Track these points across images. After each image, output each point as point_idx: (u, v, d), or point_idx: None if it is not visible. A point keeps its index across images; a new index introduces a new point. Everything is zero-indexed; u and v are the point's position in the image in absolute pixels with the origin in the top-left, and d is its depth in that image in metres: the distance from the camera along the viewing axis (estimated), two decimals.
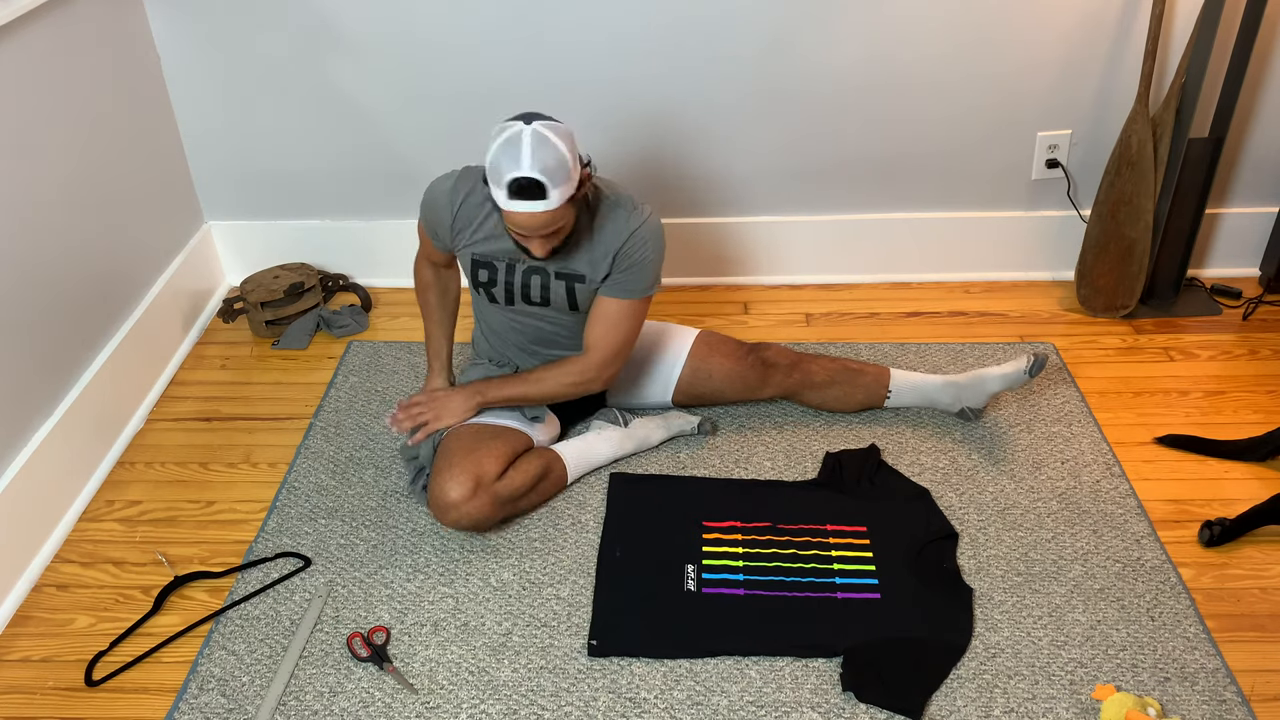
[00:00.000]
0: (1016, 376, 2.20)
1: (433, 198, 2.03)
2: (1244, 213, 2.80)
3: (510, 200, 1.79)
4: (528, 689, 1.77)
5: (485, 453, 2.02)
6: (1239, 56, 2.46)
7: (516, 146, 1.77)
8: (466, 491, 1.96)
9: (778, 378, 2.28)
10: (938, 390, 2.30)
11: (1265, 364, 2.54)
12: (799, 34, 2.54)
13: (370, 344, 2.69)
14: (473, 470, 1.98)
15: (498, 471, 2.01)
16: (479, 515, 1.99)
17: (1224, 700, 1.72)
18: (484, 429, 2.07)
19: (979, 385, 2.26)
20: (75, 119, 2.28)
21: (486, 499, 1.98)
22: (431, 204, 2.04)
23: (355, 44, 2.58)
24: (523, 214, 1.80)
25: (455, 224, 2.02)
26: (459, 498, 1.97)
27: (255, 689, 1.78)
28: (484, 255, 2.03)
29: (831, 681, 1.77)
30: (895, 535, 2.04)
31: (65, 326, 2.22)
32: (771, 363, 2.28)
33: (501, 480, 2.01)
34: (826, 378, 2.30)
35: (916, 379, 2.32)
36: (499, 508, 2.02)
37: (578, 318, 2.10)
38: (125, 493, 2.24)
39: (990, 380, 2.24)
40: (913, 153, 2.72)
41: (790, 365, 2.29)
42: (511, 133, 1.79)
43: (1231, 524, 2.00)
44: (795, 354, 2.32)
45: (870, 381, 2.31)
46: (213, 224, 2.89)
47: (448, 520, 2.00)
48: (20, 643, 1.90)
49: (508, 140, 1.78)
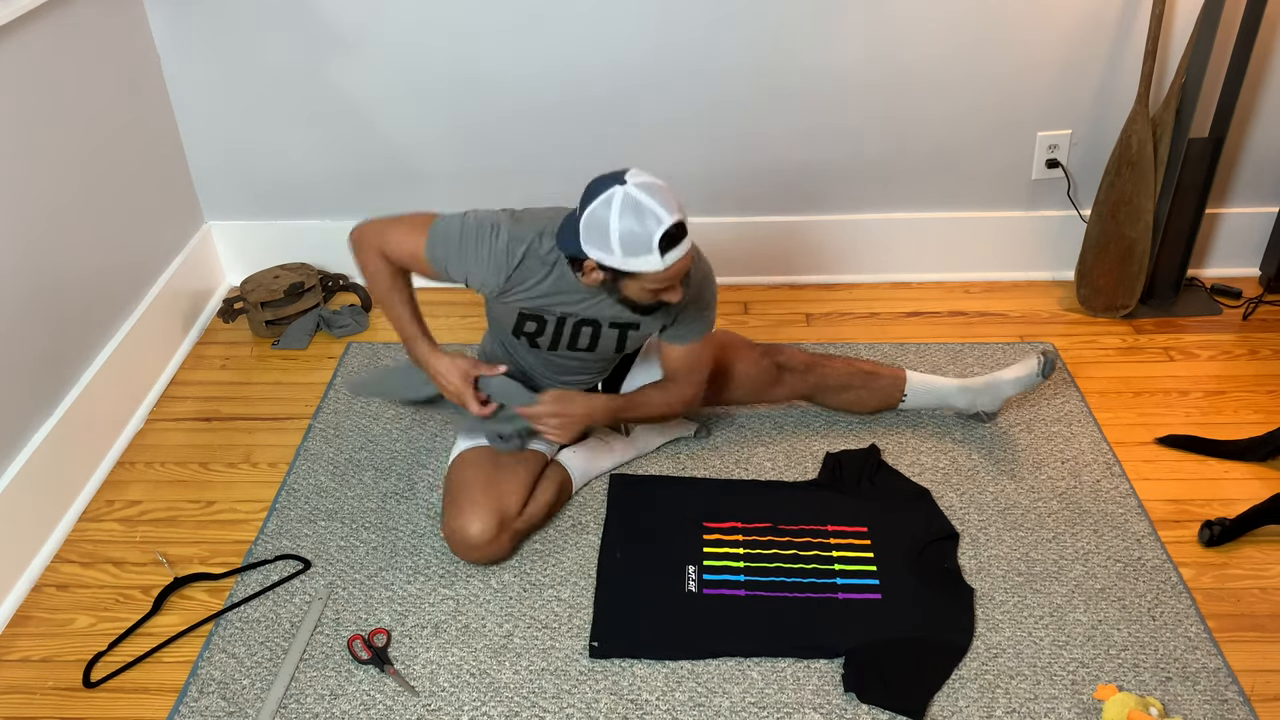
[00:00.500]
0: (1029, 379, 2.19)
1: (478, 252, 1.84)
2: (1244, 213, 2.80)
3: (667, 255, 1.68)
4: (529, 691, 1.77)
5: (508, 486, 1.97)
6: (1239, 56, 2.46)
7: (641, 206, 1.67)
8: (490, 531, 1.93)
9: (792, 381, 2.26)
10: (954, 394, 2.29)
11: (1265, 364, 2.54)
12: (799, 33, 2.54)
13: (370, 345, 2.69)
14: (496, 508, 1.94)
15: (520, 507, 1.98)
16: (501, 554, 1.98)
17: (1225, 700, 1.72)
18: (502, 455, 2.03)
19: (994, 390, 2.24)
20: (75, 119, 2.28)
21: (508, 537, 1.96)
22: (476, 258, 1.84)
23: (355, 44, 2.58)
24: (681, 261, 1.71)
25: (509, 282, 1.86)
26: (481, 538, 1.93)
27: (255, 692, 1.78)
28: (535, 310, 1.91)
29: (833, 682, 1.77)
30: (896, 535, 2.04)
31: (65, 326, 2.22)
32: (786, 366, 2.25)
33: (522, 516, 1.99)
34: (841, 381, 2.27)
35: (932, 382, 2.30)
36: (517, 542, 2.01)
37: (618, 357, 2.09)
38: (125, 493, 2.24)
39: (1004, 385, 2.22)
40: (913, 153, 2.72)
41: (805, 368, 2.26)
42: (625, 198, 1.67)
43: (1231, 524, 2.00)
44: (810, 356, 2.29)
45: (886, 385, 2.29)
46: (213, 224, 2.89)
47: (469, 558, 1.97)
48: (20, 643, 1.90)
49: (627, 206, 1.67)
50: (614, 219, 1.68)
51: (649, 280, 1.73)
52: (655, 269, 1.70)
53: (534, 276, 1.86)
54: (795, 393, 2.29)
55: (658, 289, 1.76)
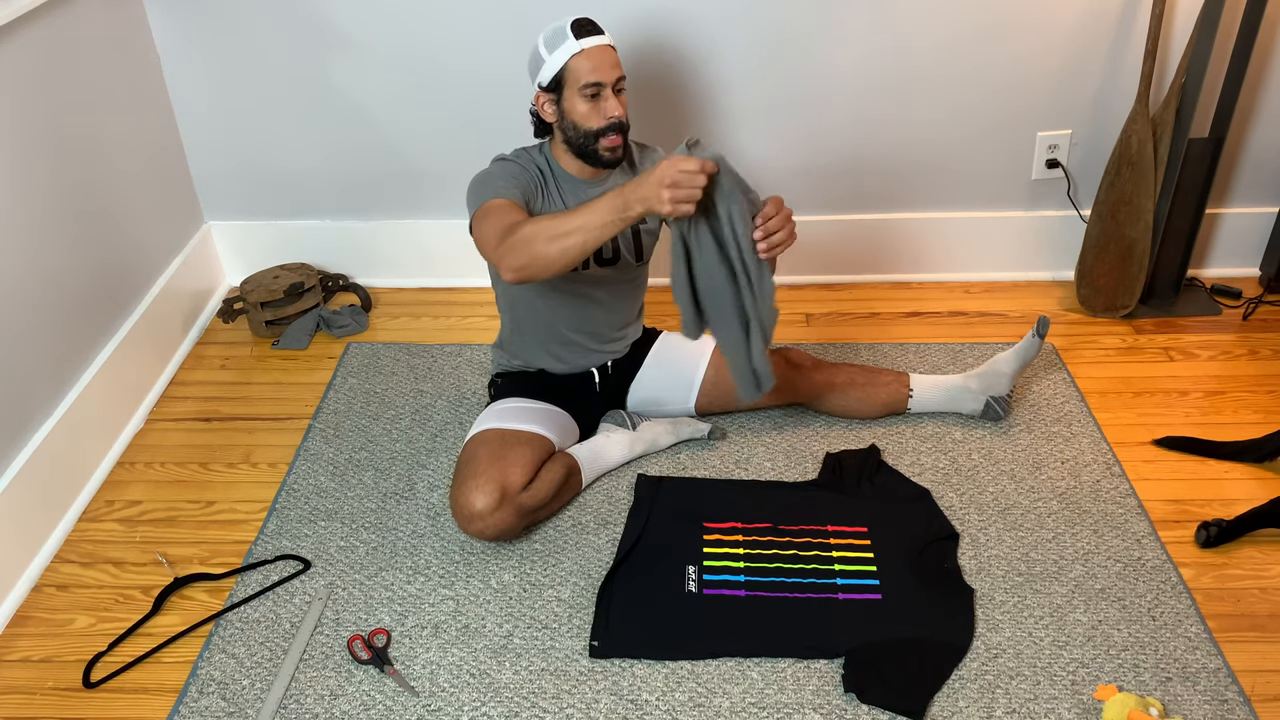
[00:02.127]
0: (1028, 344, 2.25)
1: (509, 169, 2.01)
2: (1244, 213, 2.80)
3: (580, 39, 1.91)
4: (529, 691, 1.77)
5: (512, 461, 2.00)
6: (1239, 56, 2.46)
7: (563, 19, 1.94)
8: (493, 502, 1.96)
9: (801, 379, 2.29)
10: (960, 387, 2.31)
11: (1265, 364, 2.54)
12: (800, 34, 2.54)
13: (370, 345, 2.69)
14: (498, 479, 1.97)
15: (524, 481, 1.99)
16: (503, 526, 1.98)
17: (1225, 700, 1.72)
18: (509, 434, 2.05)
19: (996, 369, 2.29)
20: (75, 119, 2.28)
21: (511, 510, 1.98)
22: (511, 174, 1.99)
23: (355, 44, 2.58)
24: (595, 46, 1.92)
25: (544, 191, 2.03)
26: (484, 508, 1.96)
27: (255, 692, 1.78)
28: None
29: (833, 682, 1.77)
30: (896, 536, 2.04)
31: (65, 326, 2.22)
32: (796, 363, 2.30)
33: (527, 490, 2.00)
34: (848, 378, 2.31)
35: (938, 378, 2.34)
36: (523, 518, 2.02)
37: (640, 272, 2.19)
38: (125, 493, 2.24)
39: (1004, 360, 2.28)
40: (913, 152, 2.72)
41: (814, 366, 2.31)
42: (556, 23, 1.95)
43: (1229, 525, 2.00)
44: (817, 358, 2.35)
45: (891, 382, 2.31)
46: (213, 224, 2.89)
47: (471, 530, 1.99)
48: (20, 643, 1.90)
49: (551, 27, 1.95)
50: (540, 38, 1.97)
51: (580, 75, 1.92)
52: (574, 53, 1.91)
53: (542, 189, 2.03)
54: (803, 392, 2.31)
55: (590, 84, 1.92)
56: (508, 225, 1.85)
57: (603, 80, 1.93)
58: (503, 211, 1.89)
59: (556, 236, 1.78)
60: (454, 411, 2.43)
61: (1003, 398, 2.30)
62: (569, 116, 1.97)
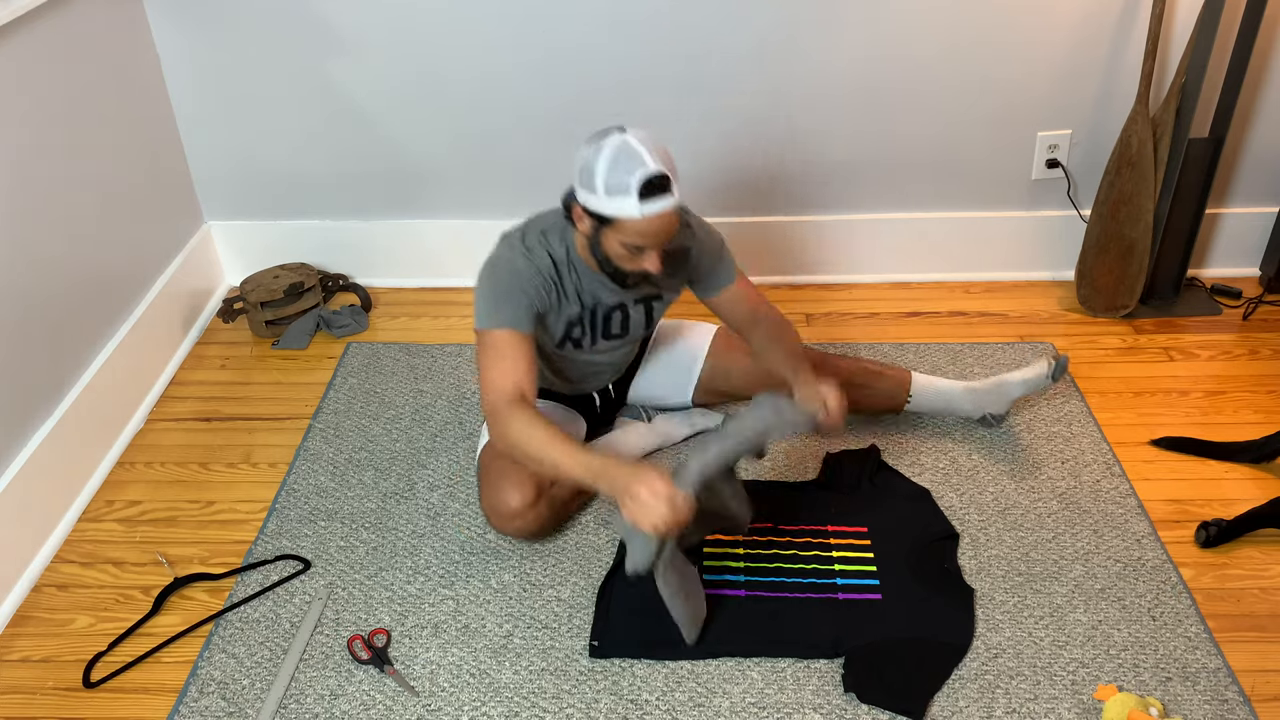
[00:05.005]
0: (1039, 380, 2.17)
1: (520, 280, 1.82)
2: (1244, 213, 2.80)
3: (644, 203, 1.66)
4: (529, 691, 1.77)
5: None
6: (1239, 56, 2.46)
7: (631, 150, 1.66)
8: (529, 497, 1.95)
9: None
10: (960, 396, 2.27)
11: (1265, 364, 2.54)
12: (799, 34, 2.54)
13: (370, 345, 2.69)
14: (530, 474, 1.95)
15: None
16: (541, 520, 1.99)
17: (1225, 700, 1.72)
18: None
19: (1001, 391, 2.22)
20: (75, 119, 2.28)
21: (546, 504, 1.98)
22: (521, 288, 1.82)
23: (355, 44, 2.58)
24: (659, 215, 1.68)
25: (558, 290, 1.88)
26: (521, 504, 1.95)
27: (255, 692, 1.78)
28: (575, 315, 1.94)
29: (833, 682, 1.77)
30: (896, 536, 2.04)
31: (65, 326, 2.22)
32: None
33: (555, 484, 2.00)
34: (847, 376, 2.25)
35: (939, 383, 2.29)
36: (555, 512, 2.02)
37: (647, 332, 2.12)
38: (125, 493, 2.24)
39: (1012, 385, 2.20)
40: (913, 152, 2.72)
41: (814, 362, 2.25)
42: (617, 141, 1.67)
43: (1228, 526, 2.00)
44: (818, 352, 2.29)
45: (891, 382, 2.28)
46: (213, 224, 2.89)
47: (510, 529, 1.99)
48: (20, 643, 1.90)
49: (619, 150, 1.67)
50: (602, 158, 1.68)
51: (627, 233, 1.71)
52: (631, 215, 1.68)
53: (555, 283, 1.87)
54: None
55: (635, 245, 1.73)
56: (506, 391, 1.78)
57: (653, 248, 1.76)
58: (509, 354, 1.80)
59: (535, 458, 1.74)
60: (454, 411, 2.43)
61: (1000, 415, 2.28)
62: (603, 248, 1.78)
